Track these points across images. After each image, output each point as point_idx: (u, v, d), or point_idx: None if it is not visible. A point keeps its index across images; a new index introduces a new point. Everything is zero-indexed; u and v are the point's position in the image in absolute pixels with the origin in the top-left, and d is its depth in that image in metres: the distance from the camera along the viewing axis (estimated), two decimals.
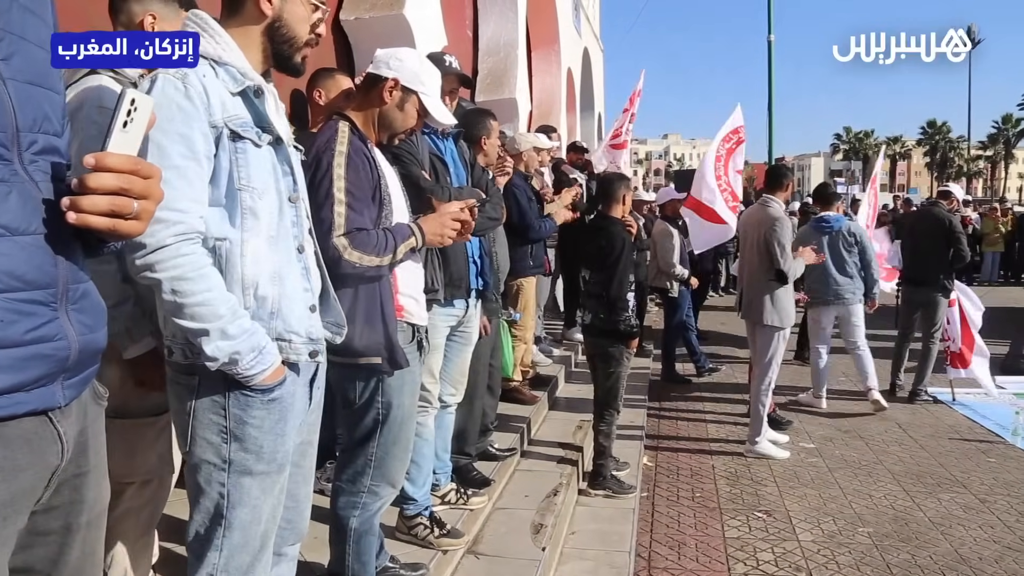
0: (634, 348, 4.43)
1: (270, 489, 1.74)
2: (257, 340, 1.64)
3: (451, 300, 3.17)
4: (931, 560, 3.87)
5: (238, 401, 1.67)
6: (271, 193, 1.72)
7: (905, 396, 7.02)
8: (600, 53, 18.67)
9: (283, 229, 1.75)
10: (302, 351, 1.78)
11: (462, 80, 3.38)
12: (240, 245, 1.66)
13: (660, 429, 6.17)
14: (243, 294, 1.66)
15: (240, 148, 1.65)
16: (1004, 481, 4.99)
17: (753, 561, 3.85)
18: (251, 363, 1.62)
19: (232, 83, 1.66)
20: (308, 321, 1.80)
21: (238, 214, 1.66)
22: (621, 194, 4.35)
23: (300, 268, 1.80)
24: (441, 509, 3.42)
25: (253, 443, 1.69)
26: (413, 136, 3.07)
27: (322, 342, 1.85)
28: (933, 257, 6.89)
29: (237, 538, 1.71)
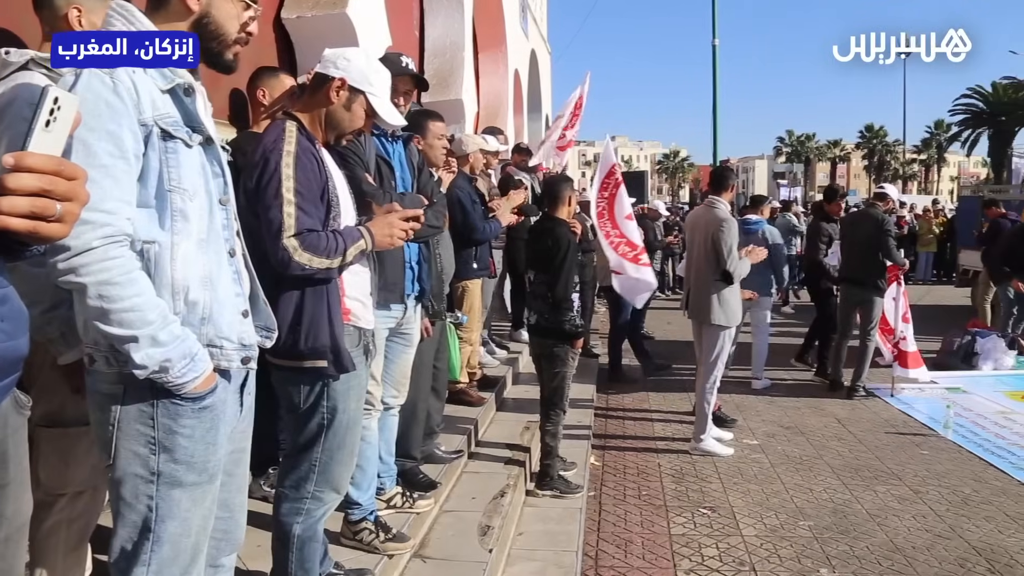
0: (579, 348, 4.46)
1: (201, 500, 1.70)
2: (188, 347, 1.59)
3: (386, 304, 3.14)
4: (868, 550, 3.98)
5: (167, 410, 1.62)
6: (201, 195, 1.67)
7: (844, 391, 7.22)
8: (548, 55, 18.77)
9: (214, 232, 1.70)
10: (234, 357, 1.73)
11: (417, 82, 3.34)
12: (170, 248, 1.61)
13: (607, 428, 6.22)
14: (173, 299, 1.61)
15: (171, 148, 1.61)
16: (936, 472, 5.17)
17: (698, 557, 3.91)
18: (182, 371, 1.58)
19: (162, 80, 1.62)
20: (240, 326, 1.76)
21: (168, 216, 1.61)
22: (566, 195, 4.38)
23: (231, 272, 1.75)
24: (387, 513, 3.39)
25: (183, 453, 1.64)
26: (361, 137, 3.04)
27: (254, 348, 1.81)
28: (869, 257, 7.10)
29: (167, 552, 1.65)
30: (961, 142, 52.87)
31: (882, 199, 7.57)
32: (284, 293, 2.22)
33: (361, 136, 3.02)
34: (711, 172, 5.94)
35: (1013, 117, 45.24)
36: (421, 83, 3.36)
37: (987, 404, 6.94)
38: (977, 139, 49.91)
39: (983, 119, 47.99)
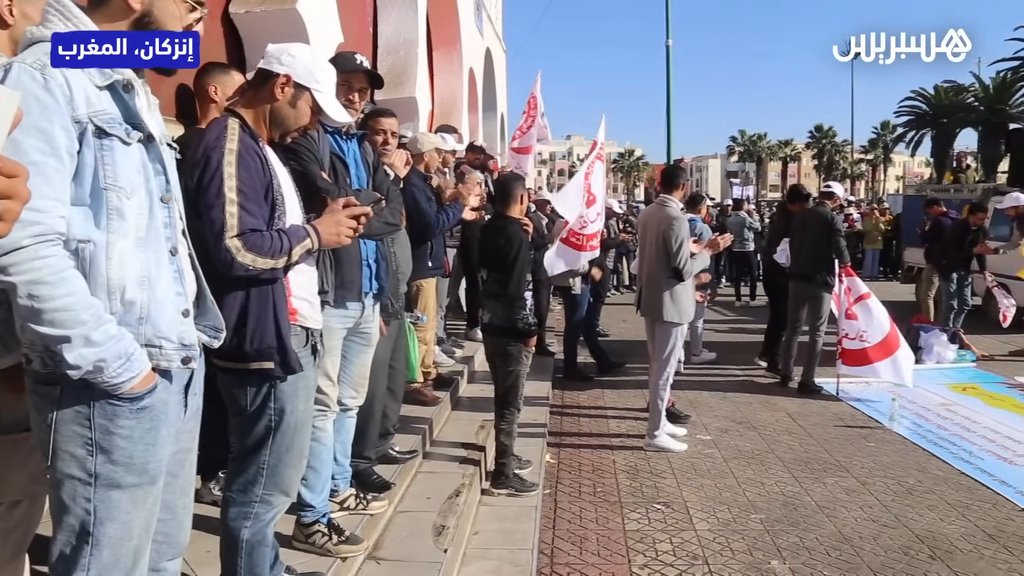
0: (533, 346, 4.46)
1: (142, 502, 1.67)
2: (124, 347, 1.57)
3: (343, 303, 3.10)
4: (817, 541, 4.07)
5: (104, 411, 1.59)
6: (141, 193, 1.64)
7: (795, 386, 7.36)
8: (503, 53, 18.77)
9: (154, 230, 1.67)
10: (174, 357, 1.71)
11: (371, 79, 3.30)
12: (105, 247, 1.58)
13: (563, 426, 6.25)
14: (109, 299, 1.59)
15: (106, 145, 1.57)
16: (882, 464, 5.30)
17: (652, 552, 3.95)
18: (118, 371, 1.56)
19: (99, 76, 1.58)
20: (180, 326, 1.73)
21: (103, 214, 1.57)
22: (519, 194, 4.38)
23: (172, 271, 1.73)
24: (340, 515, 3.35)
25: (122, 454, 1.62)
26: (315, 134, 3.00)
27: (196, 348, 1.78)
28: (818, 254, 7.25)
29: (106, 556, 1.62)
30: (906, 143, 54.23)
31: (829, 197, 7.74)
32: (228, 294, 2.17)
33: (315, 133, 2.99)
34: (662, 171, 6.01)
35: (954, 119, 46.62)
36: (376, 80, 3.32)
37: (930, 397, 7.14)
38: (921, 140, 51.23)
39: (926, 121, 49.31)
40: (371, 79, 3.30)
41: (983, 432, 6.01)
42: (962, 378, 8.00)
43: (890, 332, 7.05)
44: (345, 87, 3.21)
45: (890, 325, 7.07)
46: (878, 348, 7.07)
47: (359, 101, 3.29)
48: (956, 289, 9.32)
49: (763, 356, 8.42)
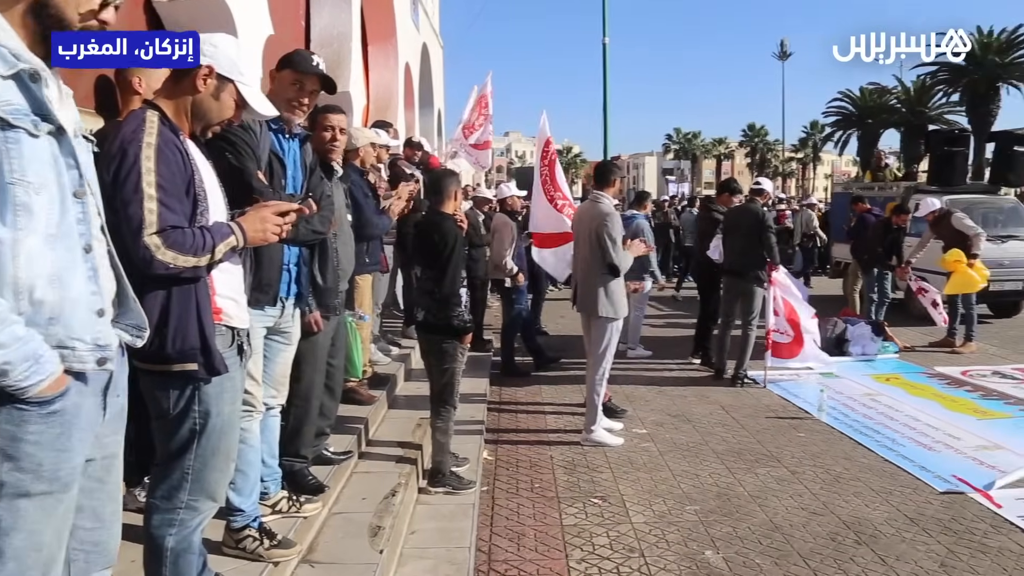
0: (468, 344, 4.44)
1: (52, 510, 1.59)
2: (32, 348, 1.50)
3: (259, 305, 3.03)
4: (749, 530, 4.16)
5: (10, 416, 1.52)
6: (51, 188, 1.56)
7: (728, 379, 7.52)
8: (440, 49, 18.65)
9: (66, 227, 1.59)
10: (88, 359, 1.63)
11: (324, 83, 3.22)
12: (12, 245, 1.49)
13: (500, 422, 6.25)
14: (16, 298, 1.51)
15: (11, 138, 1.49)
16: (811, 453, 5.45)
17: (589, 546, 3.97)
18: (25, 373, 1.48)
19: (3, 66, 1.49)
20: (95, 326, 1.65)
21: (9, 210, 1.49)
22: (452, 190, 4.35)
23: (87, 269, 1.65)
24: (272, 519, 3.28)
25: (30, 461, 1.54)
26: (257, 129, 2.91)
27: (112, 348, 1.70)
28: (750, 250, 7.41)
29: (12, 568, 1.54)
30: (834, 142, 56.04)
31: (760, 194, 7.93)
32: (149, 293, 2.09)
33: (258, 128, 2.90)
34: (595, 167, 6.06)
35: (878, 120, 48.40)
36: (328, 84, 3.25)
37: (856, 387, 7.38)
38: (848, 139, 53.01)
39: (852, 121, 51.03)
40: (324, 82, 3.23)
41: (905, 420, 6.25)
42: (885, 369, 8.29)
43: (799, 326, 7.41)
44: (297, 87, 3.15)
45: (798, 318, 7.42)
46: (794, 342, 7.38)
47: (309, 103, 3.22)
48: (878, 283, 9.66)
49: (696, 353, 8.55)
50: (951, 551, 3.91)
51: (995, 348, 9.39)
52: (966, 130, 16.59)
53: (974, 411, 6.55)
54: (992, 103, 38.99)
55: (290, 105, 3.13)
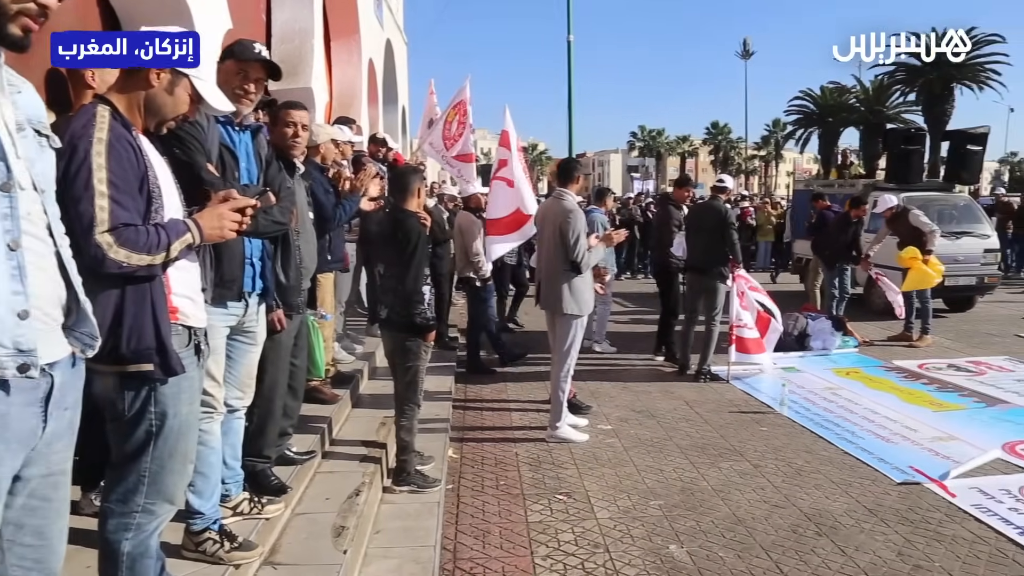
0: (431, 341, 4.42)
1: None
2: None
3: (222, 301, 2.98)
4: (713, 524, 4.20)
5: None
6: None
7: (692, 375, 7.58)
8: (404, 45, 18.53)
9: None
10: (7, 364, 1.53)
11: (269, 69, 3.16)
12: None
13: (466, 420, 6.23)
14: None
15: None
16: (773, 447, 5.52)
17: (555, 543, 3.98)
18: None
19: None
20: (15, 329, 1.55)
21: None
22: (416, 187, 4.32)
23: (10, 268, 1.55)
24: (233, 521, 3.23)
25: None
26: (205, 123, 2.86)
27: (36, 354, 1.59)
28: (713, 247, 7.49)
29: None
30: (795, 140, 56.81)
31: (722, 191, 8.01)
32: (102, 292, 2.04)
33: (205, 122, 2.85)
34: (558, 165, 6.06)
35: (838, 118, 49.23)
36: (274, 71, 3.19)
37: (817, 381, 7.49)
38: (809, 138, 53.75)
39: (813, 120, 51.80)
40: (269, 69, 3.17)
41: (864, 413, 6.36)
42: (845, 363, 8.44)
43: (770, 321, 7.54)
44: (241, 76, 3.09)
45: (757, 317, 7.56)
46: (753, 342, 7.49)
47: (255, 92, 3.17)
48: (838, 279, 9.83)
49: (658, 350, 8.61)
50: (908, 540, 3.99)
51: (950, 342, 9.61)
52: (922, 129, 16.90)
53: (930, 403, 6.70)
54: (947, 103, 39.87)
55: (235, 95, 3.05)
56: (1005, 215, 17.49)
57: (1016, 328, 10.52)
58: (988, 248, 11.57)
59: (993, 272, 11.72)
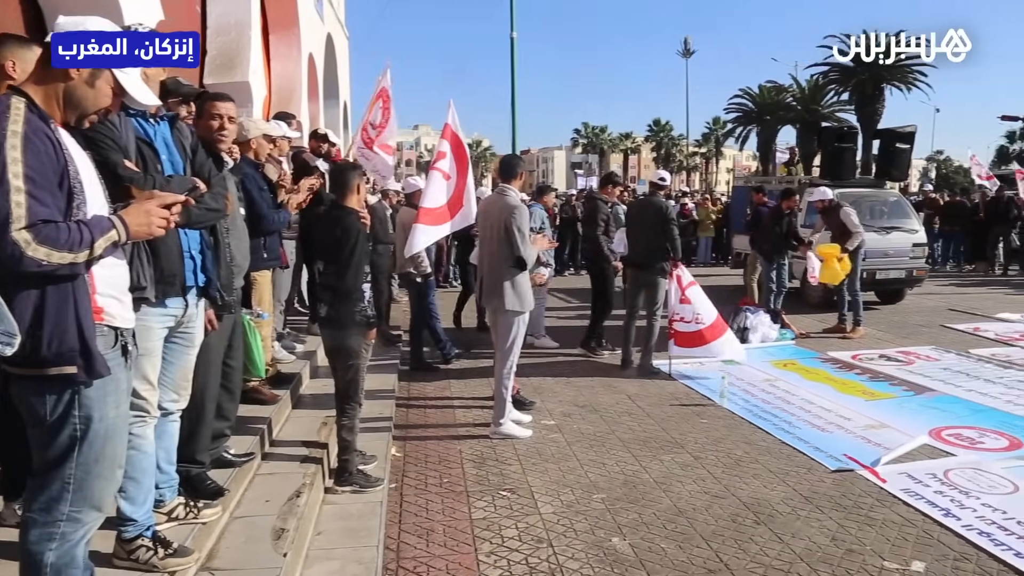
0: (372, 339, 4.37)
1: None
2: None
3: (163, 299, 2.90)
4: (655, 516, 4.26)
5: None
6: None
7: (634, 369, 7.67)
8: (345, 40, 18.27)
9: None
10: None
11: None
12: None
13: (409, 418, 6.18)
14: None
15: None
16: (714, 439, 5.62)
17: (498, 539, 3.98)
18: None
19: None
20: None
21: None
22: (355, 183, 4.26)
23: None
24: (167, 526, 3.15)
25: None
26: (116, 119, 2.76)
27: None
28: (654, 243, 7.58)
29: None
30: (735, 138, 58.02)
31: (661, 187, 8.12)
32: (21, 292, 1.96)
33: (116, 117, 2.75)
34: (500, 161, 6.04)
35: (775, 117, 50.50)
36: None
37: (756, 373, 7.66)
38: (748, 135, 54.97)
39: (752, 117, 53.01)
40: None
41: (801, 404, 6.52)
42: (783, 355, 8.64)
43: (703, 331, 7.53)
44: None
45: (708, 325, 7.55)
46: (712, 329, 7.52)
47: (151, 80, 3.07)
48: (776, 273, 10.06)
49: (587, 342, 8.71)
50: (841, 525, 4.11)
51: (881, 333, 9.93)
52: (854, 127, 17.46)
53: (863, 393, 6.91)
54: (878, 103, 41.27)
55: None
56: (932, 211, 18.18)
57: (942, 319, 10.92)
58: (916, 243, 12.00)
59: (921, 265, 12.16)
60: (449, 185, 6.92)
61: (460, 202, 6.70)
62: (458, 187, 6.86)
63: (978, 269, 17.41)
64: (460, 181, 6.89)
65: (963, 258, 18.15)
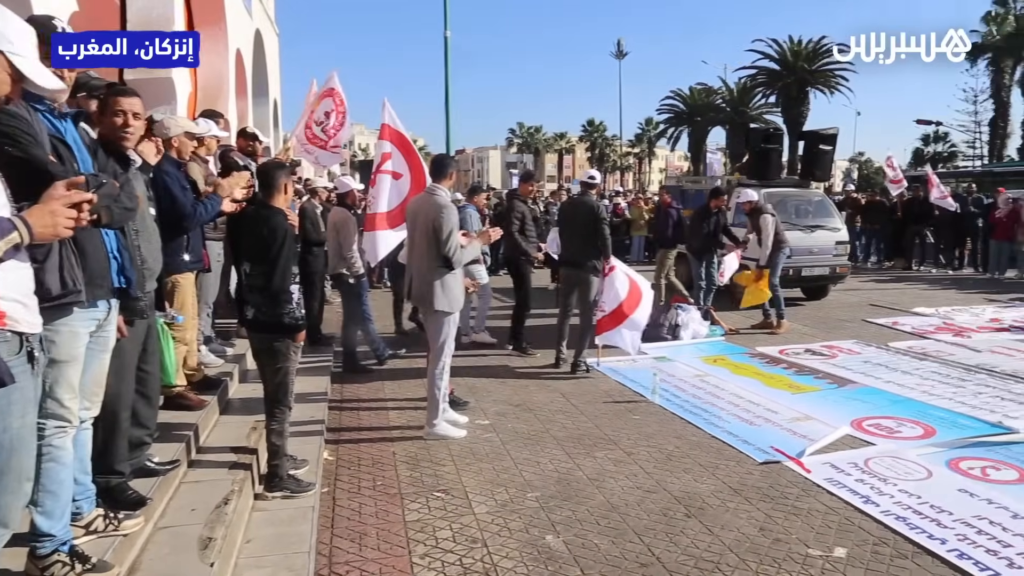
0: (301, 341, 4.29)
1: None
2: None
3: (94, 301, 2.79)
4: (588, 513, 4.29)
5: None
6: None
7: (568, 368, 7.72)
8: (275, 36, 17.92)
9: None
10: None
11: None
12: None
13: (342, 421, 6.09)
14: None
15: None
16: (645, 434, 5.71)
17: (432, 540, 3.95)
18: None
19: None
20: None
21: None
22: (282, 183, 4.17)
23: None
24: (86, 540, 3.02)
25: None
26: (27, 113, 2.63)
27: None
28: (586, 242, 7.64)
29: None
30: (667, 138, 59.19)
31: (592, 187, 8.21)
32: None
33: (27, 112, 2.62)
34: (431, 160, 5.98)
35: (706, 118, 51.74)
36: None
37: (687, 369, 7.81)
38: (679, 136, 56.20)
39: (683, 119, 54.20)
40: None
41: (730, 398, 6.67)
42: (713, 351, 8.84)
43: (621, 304, 7.55)
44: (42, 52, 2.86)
45: (626, 297, 7.56)
46: (608, 318, 7.58)
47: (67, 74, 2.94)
48: (706, 271, 10.27)
49: (512, 341, 8.78)
50: (768, 516, 4.22)
51: (807, 328, 10.24)
52: (780, 129, 17.96)
53: (789, 386, 7.12)
54: (803, 105, 42.75)
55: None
56: (854, 210, 18.86)
57: (864, 314, 11.35)
58: (839, 240, 12.41)
59: (844, 262, 12.59)
60: (402, 183, 6.87)
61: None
62: (415, 181, 6.82)
63: (896, 265, 18.15)
64: (416, 175, 6.84)
65: (883, 255, 18.89)
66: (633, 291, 7.59)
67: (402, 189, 6.91)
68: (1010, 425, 5.77)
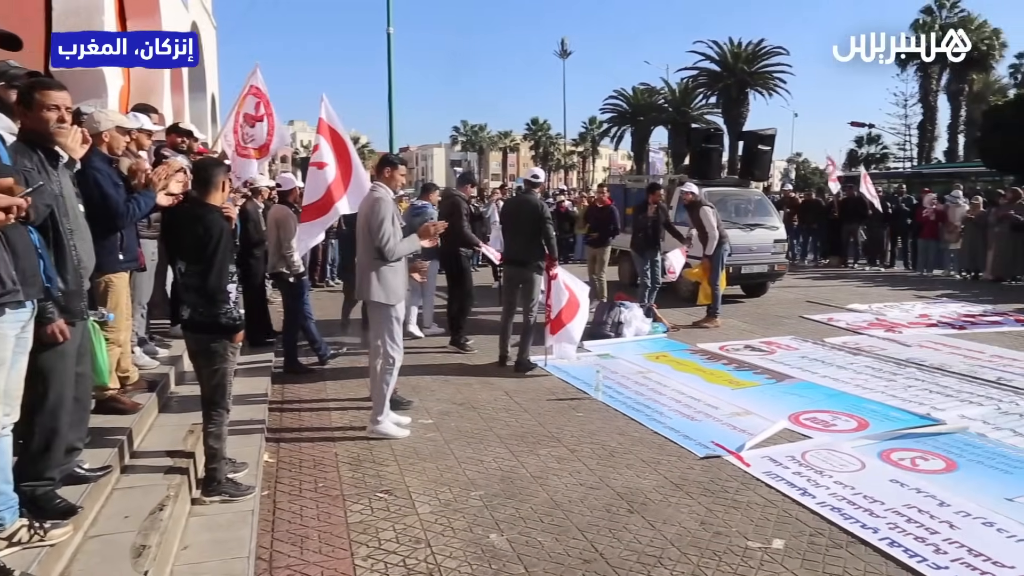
0: (239, 342, 4.19)
1: None
2: None
3: (27, 300, 2.67)
4: (532, 510, 4.30)
5: None
6: None
7: (512, 366, 7.73)
8: (212, 29, 17.49)
9: None
10: None
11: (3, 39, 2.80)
12: None
13: (283, 422, 5.99)
14: None
15: None
16: (589, 431, 5.75)
17: (375, 542, 3.91)
18: None
19: None
20: None
21: None
22: (219, 180, 4.07)
23: None
24: (9, 552, 2.89)
25: None
26: None
27: None
28: (530, 241, 7.66)
29: None
30: (610, 137, 59.76)
31: (535, 185, 8.23)
32: None
33: None
34: (379, 158, 6.03)
35: (648, 118, 52.43)
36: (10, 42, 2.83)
37: (629, 366, 7.89)
38: (623, 135, 56.79)
39: (626, 118, 54.81)
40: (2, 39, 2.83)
41: (671, 395, 6.77)
42: (655, 348, 8.96)
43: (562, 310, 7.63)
44: None
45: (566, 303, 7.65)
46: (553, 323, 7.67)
47: None
48: (649, 269, 10.40)
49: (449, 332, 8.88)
50: (709, 510, 4.29)
51: (746, 324, 10.46)
52: (720, 129, 18.34)
53: (729, 382, 7.26)
54: (743, 106, 43.73)
55: None
56: (791, 209, 19.36)
57: (801, 310, 11.65)
58: (777, 239, 12.72)
59: (782, 260, 12.90)
60: (326, 172, 6.83)
61: (344, 185, 6.65)
62: (340, 170, 6.80)
63: (832, 263, 18.69)
64: (341, 165, 6.83)
65: (819, 253, 19.43)
66: (571, 301, 7.69)
67: (327, 177, 6.85)
68: (937, 417, 6.00)
